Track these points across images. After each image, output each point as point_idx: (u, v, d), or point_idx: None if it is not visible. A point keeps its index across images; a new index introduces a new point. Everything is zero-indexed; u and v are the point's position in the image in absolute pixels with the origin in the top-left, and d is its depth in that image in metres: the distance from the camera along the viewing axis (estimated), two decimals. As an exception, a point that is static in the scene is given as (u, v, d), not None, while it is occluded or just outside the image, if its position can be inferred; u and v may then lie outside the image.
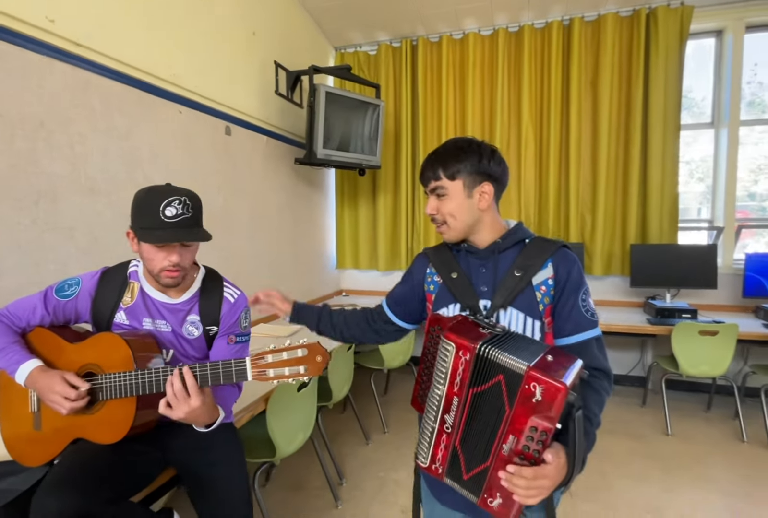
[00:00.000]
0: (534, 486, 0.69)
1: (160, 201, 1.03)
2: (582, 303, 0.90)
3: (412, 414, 3.10)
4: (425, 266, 1.05)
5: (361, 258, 3.86)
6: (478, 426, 0.76)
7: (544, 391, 0.67)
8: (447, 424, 0.79)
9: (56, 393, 0.97)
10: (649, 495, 2.06)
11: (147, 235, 1.03)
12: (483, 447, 0.75)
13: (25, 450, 1.06)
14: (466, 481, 0.78)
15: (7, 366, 1.02)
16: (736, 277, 3.05)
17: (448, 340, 0.76)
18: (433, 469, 0.82)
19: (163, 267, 1.07)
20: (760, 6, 2.96)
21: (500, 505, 0.72)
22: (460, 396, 0.76)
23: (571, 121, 3.20)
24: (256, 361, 0.91)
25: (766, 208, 3.54)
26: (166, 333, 1.15)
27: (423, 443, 0.83)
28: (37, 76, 1.52)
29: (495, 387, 0.73)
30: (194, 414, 0.95)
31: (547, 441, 0.69)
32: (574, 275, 0.90)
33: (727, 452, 2.45)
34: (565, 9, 3.15)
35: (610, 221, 3.23)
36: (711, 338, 2.56)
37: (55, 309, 1.10)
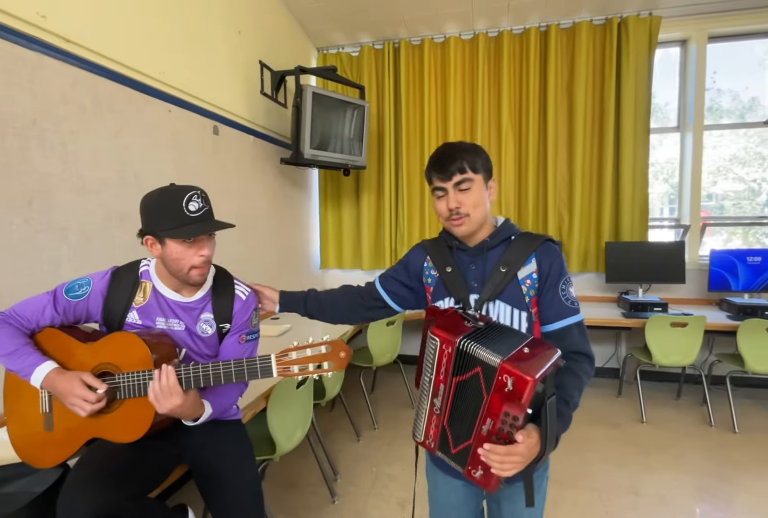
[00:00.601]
0: (507, 461, 0.78)
1: (181, 198, 1.04)
2: (562, 292, 0.97)
3: (401, 410, 3.16)
4: (423, 259, 1.10)
5: (344, 257, 3.88)
6: (462, 409, 0.85)
7: (514, 382, 0.75)
8: (436, 407, 0.89)
9: (77, 396, 0.97)
10: (629, 478, 2.19)
11: (178, 233, 1.04)
12: (466, 427, 0.84)
13: (36, 452, 1.04)
14: (454, 455, 0.88)
15: (21, 368, 1.01)
16: (702, 272, 3.25)
17: (434, 335, 0.86)
18: (426, 444, 0.93)
19: (194, 265, 1.07)
20: (721, 18, 3.17)
21: (482, 476, 0.83)
22: (445, 384, 0.86)
23: (549, 123, 3.33)
24: (280, 358, 0.94)
25: (725, 207, 3.78)
26: (179, 331, 1.16)
27: (418, 421, 0.93)
28: (28, 73, 1.49)
29: (474, 377, 0.82)
30: (179, 410, 0.98)
31: (519, 424, 0.77)
32: (555, 267, 0.97)
33: (697, 436, 2.61)
34: (542, 16, 3.28)
35: (585, 220, 3.37)
36: (681, 329, 2.72)
37: (65, 309, 1.09)
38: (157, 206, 1.07)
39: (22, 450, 1.06)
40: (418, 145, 3.61)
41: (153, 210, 1.07)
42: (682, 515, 1.91)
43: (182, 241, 1.05)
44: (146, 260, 1.20)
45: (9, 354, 1.01)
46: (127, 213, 1.89)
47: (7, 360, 1.01)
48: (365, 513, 1.97)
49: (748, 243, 3.67)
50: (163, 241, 1.06)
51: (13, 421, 1.07)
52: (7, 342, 1.01)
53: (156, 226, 1.06)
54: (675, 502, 2.00)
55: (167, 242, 1.06)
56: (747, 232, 3.80)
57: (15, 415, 1.07)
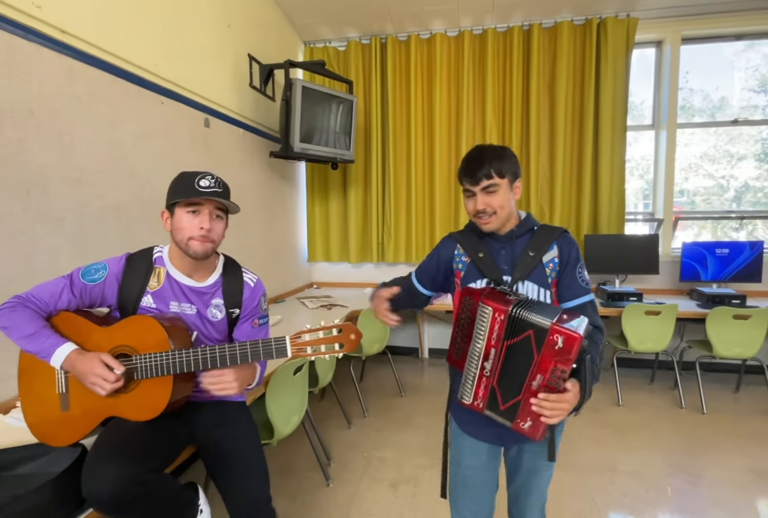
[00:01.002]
0: (557, 408, 0.90)
1: (194, 176, 1.15)
2: (579, 275, 1.12)
3: (389, 399, 3.23)
4: (453, 247, 1.22)
5: (332, 251, 3.93)
6: (512, 369, 0.96)
7: (564, 340, 0.88)
8: (486, 370, 0.99)
9: (97, 375, 1.00)
10: (608, 457, 2.32)
11: (182, 197, 1.13)
12: (516, 384, 0.96)
13: (52, 431, 1.08)
14: (503, 411, 0.99)
15: (40, 350, 1.04)
16: (674, 264, 3.42)
17: (486, 305, 0.96)
18: (474, 405, 1.02)
19: (192, 236, 1.14)
20: (694, 20, 3.31)
21: (530, 426, 0.94)
22: (497, 348, 0.97)
23: (531, 120, 3.43)
24: (294, 339, 1.00)
25: (696, 202, 3.97)
26: (190, 315, 1.20)
27: (466, 386, 1.03)
28: (25, 64, 1.49)
29: (526, 339, 0.93)
30: (240, 383, 1.09)
31: (566, 377, 0.90)
32: (573, 254, 1.12)
33: (670, 418, 2.77)
34: (525, 15, 3.37)
35: (566, 214, 3.50)
36: (655, 317, 2.87)
37: (81, 293, 1.13)
38: (174, 183, 1.18)
39: (37, 429, 1.09)
40: (404, 139, 3.67)
41: (171, 187, 1.18)
42: (657, 489, 2.05)
43: (186, 209, 1.13)
44: (159, 247, 1.25)
45: (28, 336, 1.04)
46: (122, 204, 1.90)
47: (27, 341, 1.04)
48: (359, 494, 2.04)
49: (716, 236, 3.86)
50: (174, 211, 1.16)
51: (28, 402, 1.10)
52: (26, 325, 1.04)
53: (171, 199, 1.17)
54: (650, 477, 2.14)
55: (176, 211, 1.15)
56: (716, 226, 4.00)
57: (30, 396, 1.10)
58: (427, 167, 3.69)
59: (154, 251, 1.23)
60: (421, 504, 1.96)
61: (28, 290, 1.11)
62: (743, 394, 3.10)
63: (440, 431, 2.62)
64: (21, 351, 1.12)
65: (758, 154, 3.82)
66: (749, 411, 2.83)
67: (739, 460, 2.26)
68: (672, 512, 1.89)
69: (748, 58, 3.74)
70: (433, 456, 2.35)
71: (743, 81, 3.77)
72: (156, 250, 1.24)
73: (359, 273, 3.99)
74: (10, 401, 1.44)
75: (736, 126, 3.59)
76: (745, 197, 3.90)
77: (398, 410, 2.93)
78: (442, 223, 3.68)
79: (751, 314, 2.72)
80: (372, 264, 3.94)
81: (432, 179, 3.66)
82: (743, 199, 3.89)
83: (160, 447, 1.07)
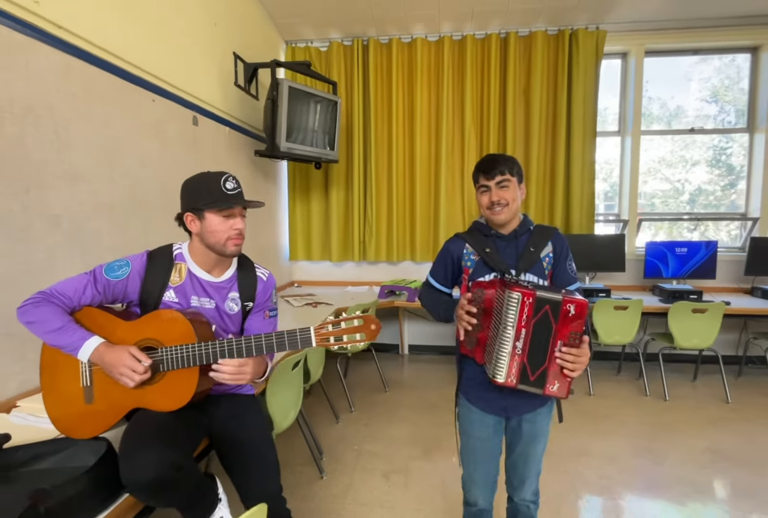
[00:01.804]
0: (577, 361, 1.06)
1: (218, 178, 1.19)
2: (569, 266, 1.31)
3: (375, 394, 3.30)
4: (462, 246, 1.35)
5: (313, 250, 3.96)
6: (537, 343, 1.08)
7: (575, 307, 1.04)
8: (518, 349, 1.09)
9: (126, 366, 1.03)
10: (582, 442, 2.48)
11: (217, 205, 1.17)
12: (542, 355, 1.08)
13: (76, 424, 1.09)
14: (533, 382, 1.10)
15: (68, 343, 1.05)
16: (638, 262, 3.65)
17: (515, 292, 1.07)
18: (508, 382, 1.11)
19: (229, 236, 1.20)
20: (656, 35, 3.56)
21: (558, 388, 1.09)
22: (527, 328, 1.08)
23: (508, 124, 3.58)
24: (318, 330, 1.06)
25: (654, 204, 4.25)
26: (209, 309, 1.24)
27: (500, 367, 1.11)
28: (23, 58, 1.47)
29: (545, 314, 1.07)
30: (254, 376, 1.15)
31: (581, 337, 1.07)
32: (564, 249, 1.31)
33: (636, 405, 2.98)
34: (502, 23, 3.51)
35: (540, 215, 3.68)
36: (623, 312, 3.08)
37: (105, 289, 1.15)
38: (199, 185, 1.21)
39: (60, 422, 1.10)
40: (386, 140, 3.75)
41: (195, 189, 1.21)
42: (628, 470, 2.22)
43: (220, 214, 1.18)
44: (177, 244, 1.28)
45: (55, 331, 1.05)
46: (115, 203, 1.89)
47: (53, 336, 1.06)
48: (353, 486, 2.11)
49: (672, 236, 4.15)
50: (203, 215, 1.19)
51: (51, 396, 1.11)
52: (53, 320, 1.06)
53: (197, 201, 1.19)
54: (621, 460, 2.31)
55: (206, 215, 1.19)
56: (671, 227, 4.29)
57: (53, 390, 1.11)
58: (407, 167, 3.78)
59: (173, 248, 1.26)
60: (414, 493, 2.05)
61: (51, 286, 1.13)
62: (700, 382, 3.36)
63: (426, 424, 2.72)
64: (43, 348, 1.13)
65: (710, 160, 4.13)
66: (706, 398, 3.08)
67: (699, 442, 2.47)
68: (642, 490, 2.06)
69: (701, 70, 4.04)
70: (421, 447, 2.45)
71: (697, 91, 4.06)
72: (175, 247, 1.27)
73: (340, 271, 4.03)
74: (11, 400, 1.42)
75: (694, 134, 3.86)
76: (698, 200, 4.21)
77: (383, 405, 3.01)
78: (422, 222, 3.78)
79: (708, 308, 2.95)
80: (353, 263, 4.00)
81: (413, 179, 3.76)
82: (697, 201, 4.20)
83: (188, 436, 1.10)
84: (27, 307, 1.08)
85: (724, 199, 4.19)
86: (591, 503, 1.98)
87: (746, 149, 3.85)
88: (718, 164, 4.17)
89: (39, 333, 1.07)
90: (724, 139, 4.10)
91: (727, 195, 4.17)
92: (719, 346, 3.19)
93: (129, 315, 1.21)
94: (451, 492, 2.05)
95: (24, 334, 1.45)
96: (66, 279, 1.15)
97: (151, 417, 1.06)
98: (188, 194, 1.22)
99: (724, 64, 4.04)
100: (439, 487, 2.09)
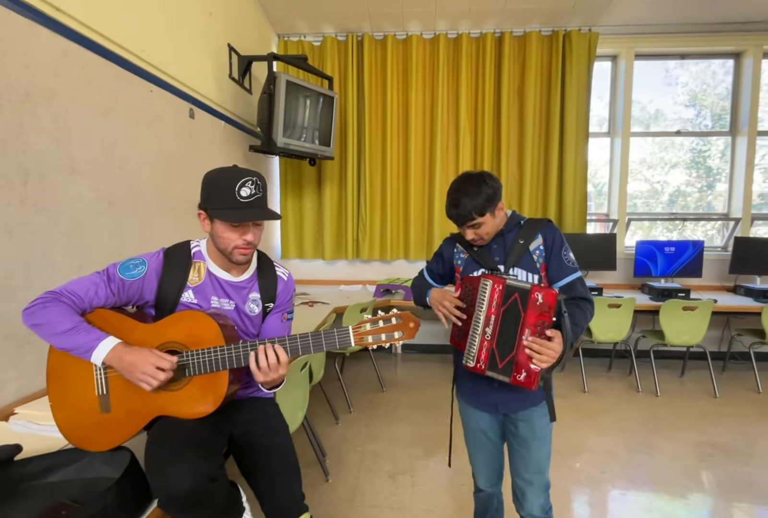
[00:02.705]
0: (545, 353, 1.06)
1: (235, 182, 1.07)
2: (564, 257, 1.27)
3: (372, 394, 3.25)
4: (453, 246, 1.40)
5: (305, 248, 3.89)
6: (506, 330, 1.13)
7: (543, 296, 1.06)
8: (487, 334, 1.16)
9: (151, 364, 0.95)
10: (581, 439, 2.51)
11: (224, 215, 1.07)
12: (510, 342, 1.12)
13: (91, 435, 1.00)
14: (501, 369, 1.14)
15: (80, 345, 0.96)
16: (628, 261, 3.73)
17: (487, 279, 1.16)
18: (477, 367, 1.18)
19: (236, 245, 1.11)
20: (646, 39, 3.63)
21: (525, 377, 1.10)
22: (496, 314, 1.15)
23: (502, 124, 3.60)
24: (357, 329, 1.01)
25: (636, 205, 4.34)
26: (229, 310, 1.17)
27: (471, 351, 1.19)
28: (22, 42, 1.37)
29: (513, 302, 1.12)
30: (277, 378, 1.07)
31: (549, 327, 1.08)
32: (557, 239, 1.27)
33: (629, 400, 3.04)
34: (498, 23, 3.52)
35: (533, 213, 3.71)
36: (616, 310, 3.13)
37: (119, 289, 1.06)
38: (213, 184, 1.11)
39: (72, 434, 1.01)
40: (380, 137, 3.71)
41: (209, 187, 1.11)
42: (630, 465, 2.25)
43: (228, 224, 1.09)
44: (195, 241, 1.20)
45: (65, 332, 0.96)
46: (114, 197, 1.80)
47: (63, 337, 0.97)
48: (359, 487, 2.07)
49: (651, 236, 4.25)
50: (213, 218, 1.11)
51: (61, 406, 1.02)
52: (63, 320, 0.97)
53: (208, 203, 1.11)
54: (622, 455, 2.34)
55: (215, 220, 1.11)
56: (651, 227, 4.41)
57: (63, 400, 1.02)
58: (402, 165, 3.76)
59: (191, 245, 1.19)
60: (422, 493, 2.03)
61: (61, 285, 1.04)
62: (688, 378, 3.46)
63: (426, 423, 2.71)
64: (49, 354, 1.04)
65: (689, 162, 4.26)
66: (695, 392, 3.17)
67: (693, 436, 2.53)
68: (645, 485, 2.09)
69: (677, 75, 4.15)
70: (424, 446, 2.43)
71: (676, 96, 4.17)
72: (193, 244, 1.19)
73: (333, 270, 3.98)
74: (8, 407, 1.33)
75: (680, 136, 3.96)
76: (677, 201, 4.33)
77: (382, 405, 2.98)
78: (416, 219, 3.77)
79: (698, 306, 3.04)
80: (346, 261, 3.95)
81: (407, 177, 3.73)
82: (676, 202, 4.32)
83: (218, 444, 1.04)
84: (34, 309, 0.99)
85: (701, 201, 4.33)
86: (596, 498, 2.00)
87: (722, 152, 3.98)
88: (697, 166, 4.30)
89: (46, 336, 0.98)
90: (701, 142, 4.24)
91: (705, 196, 4.30)
92: (706, 342, 3.29)
93: (144, 317, 1.13)
94: (460, 490, 2.04)
95: (21, 337, 1.37)
96: (77, 278, 1.06)
97: (178, 424, 0.99)
98: (204, 190, 1.12)
99: (700, 70, 4.17)
100: (447, 486, 2.08)
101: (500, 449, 1.42)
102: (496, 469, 1.43)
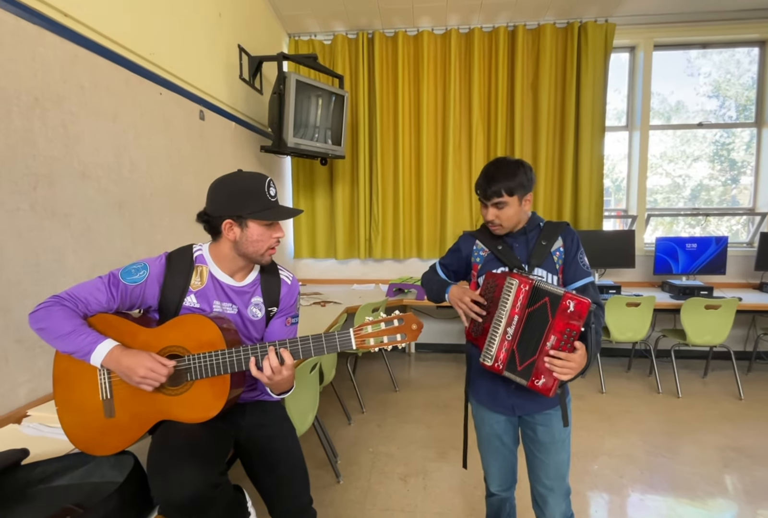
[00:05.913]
0: (567, 366, 1.03)
1: (261, 184, 1.12)
2: (580, 260, 1.27)
3: (385, 394, 3.24)
4: (472, 243, 1.38)
5: (318, 247, 3.89)
6: (530, 332, 1.11)
7: (575, 305, 1.03)
8: (508, 334, 1.14)
9: (148, 368, 0.95)
10: (599, 441, 2.45)
11: (266, 215, 1.11)
12: (533, 346, 1.10)
13: (96, 440, 1.01)
14: (520, 371, 1.12)
15: (79, 348, 0.97)
16: (648, 258, 3.63)
17: (513, 279, 1.15)
18: (495, 366, 1.16)
19: (270, 245, 1.15)
20: (665, 28, 3.51)
21: (543, 384, 1.08)
22: (520, 315, 1.13)
23: (516, 118, 3.53)
24: (358, 332, 0.99)
25: (657, 200, 4.22)
26: (231, 315, 1.17)
27: (489, 350, 1.18)
28: (30, 48, 1.39)
29: (542, 306, 1.09)
30: (282, 382, 1.06)
31: (576, 338, 1.04)
32: (575, 242, 1.28)
33: (649, 402, 2.95)
34: (511, 16, 3.45)
35: (548, 211, 3.63)
36: (635, 308, 3.05)
37: (122, 294, 1.07)
38: (241, 191, 1.12)
39: (78, 439, 1.02)
40: (392, 135, 3.68)
41: (236, 194, 1.11)
42: (649, 469, 2.19)
43: (263, 223, 1.12)
44: (198, 245, 1.20)
45: (66, 335, 0.97)
46: (124, 200, 1.81)
47: (64, 341, 0.98)
48: (371, 489, 2.05)
49: (672, 232, 4.13)
50: (245, 223, 1.11)
51: (67, 411, 1.03)
52: (63, 324, 0.98)
53: (241, 209, 1.10)
54: (641, 459, 2.28)
55: (249, 224, 1.11)
56: (672, 223, 4.28)
57: (69, 404, 1.03)
58: (414, 163, 3.72)
59: (194, 249, 1.18)
60: (434, 496, 2.00)
61: (65, 290, 1.05)
62: (711, 379, 3.35)
63: (439, 424, 2.68)
64: (56, 360, 1.05)
65: (711, 156, 4.11)
66: (719, 394, 3.06)
67: (717, 440, 2.45)
68: (666, 490, 2.03)
69: (700, 66, 4.00)
70: (437, 448, 2.40)
71: (698, 86, 4.03)
72: (195, 248, 1.19)
73: (346, 269, 3.97)
74: (21, 409, 1.35)
75: (702, 128, 3.83)
76: (700, 195, 4.19)
77: (395, 405, 2.96)
78: (429, 218, 3.73)
79: (721, 304, 2.93)
80: (359, 261, 3.94)
81: (419, 175, 3.70)
82: (698, 197, 4.18)
83: (221, 449, 1.04)
84: (39, 312, 1.00)
85: (725, 195, 4.18)
86: (614, 503, 1.95)
87: (747, 144, 3.82)
88: (720, 159, 4.15)
89: (50, 339, 0.99)
90: (725, 134, 4.09)
91: (728, 190, 4.15)
92: (730, 342, 3.18)
93: (148, 322, 1.13)
94: (472, 494, 2.01)
95: (33, 340, 1.39)
96: (81, 283, 1.07)
97: (180, 429, 0.99)
98: (228, 198, 1.11)
99: (724, 59, 4.01)
100: (459, 489, 2.05)
101: (514, 453, 1.39)
102: (509, 474, 1.40)
